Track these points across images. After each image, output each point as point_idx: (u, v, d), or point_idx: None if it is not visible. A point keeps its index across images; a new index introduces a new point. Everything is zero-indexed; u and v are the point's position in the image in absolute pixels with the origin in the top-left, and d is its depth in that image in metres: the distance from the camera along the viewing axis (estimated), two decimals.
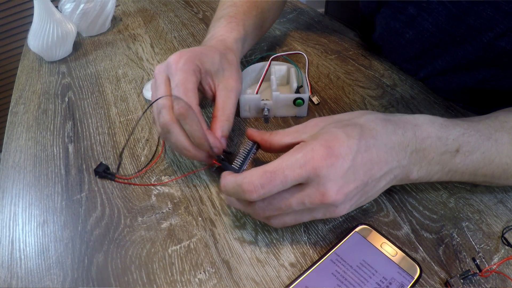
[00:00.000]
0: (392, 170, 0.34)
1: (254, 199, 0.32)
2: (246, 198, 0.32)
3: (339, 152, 0.31)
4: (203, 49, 0.45)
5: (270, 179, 0.31)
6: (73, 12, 0.75)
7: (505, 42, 0.43)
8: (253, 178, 0.31)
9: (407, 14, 0.54)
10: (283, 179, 0.31)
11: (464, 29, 0.47)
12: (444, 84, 0.55)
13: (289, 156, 0.32)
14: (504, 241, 0.37)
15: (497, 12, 0.42)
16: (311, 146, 0.32)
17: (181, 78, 0.40)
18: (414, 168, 0.35)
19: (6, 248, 0.39)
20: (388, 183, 0.35)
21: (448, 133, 0.36)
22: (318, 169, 0.31)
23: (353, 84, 0.59)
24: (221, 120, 0.42)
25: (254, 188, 0.31)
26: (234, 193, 0.33)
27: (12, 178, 0.48)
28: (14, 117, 0.58)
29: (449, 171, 0.37)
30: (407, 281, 0.32)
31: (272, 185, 0.31)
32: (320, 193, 0.31)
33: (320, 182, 0.31)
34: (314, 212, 0.34)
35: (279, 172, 0.31)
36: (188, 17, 0.85)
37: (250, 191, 0.31)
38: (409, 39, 0.56)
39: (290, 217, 0.34)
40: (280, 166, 0.31)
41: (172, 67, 0.41)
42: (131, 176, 0.46)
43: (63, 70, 0.69)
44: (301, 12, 0.83)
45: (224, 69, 0.45)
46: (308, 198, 0.32)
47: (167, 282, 0.35)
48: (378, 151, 0.33)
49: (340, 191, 0.31)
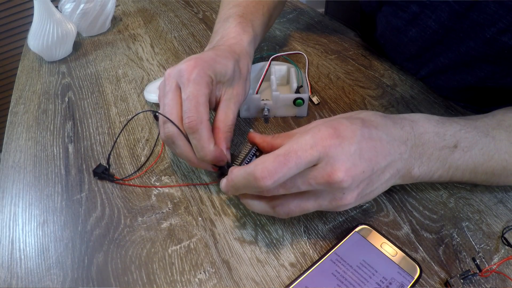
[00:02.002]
0: (395, 162, 0.34)
1: (269, 185, 0.30)
2: (260, 186, 0.30)
3: (345, 134, 0.31)
4: (217, 57, 0.42)
5: (284, 162, 0.30)
6: (73, 12, 0.75)
7: (507, 38, 0.43)
8: (265, 163, 0.30)
9: (409, 12, 0.54)
10: (297, 160, 0.30)
11: (468, 25, 0.47)
12: (445, 82, 0.55)
13: (297, 139, 0.31)
14: (504, 241, 0.37)
15: (500, 7, 0.43)
16: (317, 128, 0.32)
17: (193, 90, 0.38)
18: (415, 164, 0.35)
19: (6, 248, 0.39)
20: (391, 176, 0.34)
21: (445, 129, 0.36)
22: (327, 147, 0.30)
23: (353, 84, 0.59)
24: (224, 132, 0.41)
25: (268, 173, 0.30)
26: (245, 184, 0.32)
27: (12, 178, 0.48)
28: (14, 117, 0.58)
29: (449, 168, 0.37)
30: (407, 281, 0.32)
31: (287, 168, 0.30)
32: (328, 172, 0.30)
33: (329, 162, 0.30)
34: (320, 198, 0.33)
35: (292, 154, 0.30)
36: (188, 17, 0.85)
37: (264, 177, 0.30)
38: (411, 37, 0.56)
39: (295, 203, 0.33)
40: (291, 148, 0.30)
41: (184, 76, 0.39)
42: (129, 177, 0.46)
43: (63, 70, 0.69)
44: (301, 12, 0.83)
45: (235, 78, 0.43)
46: (315, 178, 0.31)
47: (167, 282, 0.35)
48: (381, 141, 0.33)
49: (348, 172, 0.31)
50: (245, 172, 0.31)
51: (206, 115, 0.38)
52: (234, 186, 0.33)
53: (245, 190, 0.33)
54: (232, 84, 0.43)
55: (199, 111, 0.38)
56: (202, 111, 0.38)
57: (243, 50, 0.47)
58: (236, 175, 0.33)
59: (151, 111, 0.55)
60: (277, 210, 0.34)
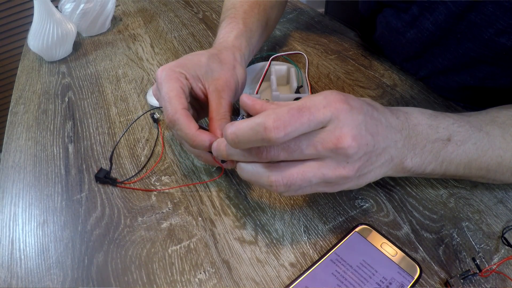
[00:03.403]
0: (390, 148, 0.34)
1: (280, 137, 0.28)
2: (270, 137, 0.28)
3: (354, 104, 0.31)
4: (188, 56, 0.45)
5: (298, 117, 0.28)
6: (73, 12, 0.75)
7: (505, 39, 0.43)
8: (279, 114, 0.28)
9: (410, 14, 0.54)
10: (310, 117, 0.29)
11: (465, 26, 0.47)
12: (445, 82, 0.55)
13: (310, 98, 0.30)
14: (504, 241, 0.37)
15: (498, 8, 0.43)
16: (329, 91, 0.31)
17: (165, 89, 0.40)
18: (408, 154, 0.35)
19: (6, 248, 0.39)
20: (386, 161, 0.34)
21: (438, 121, 0.36)
22: (339, 110, 0.30)
23: (353, 84, 0.59)
24: (217, 120, 0.40)
25: (282, 124, 0.28)
26: (250, 136, 0.29)
27: (12, 178, 0.48)
28: (14, 117, 0.58)
29: (443, 162, 0.36)
30: (407, 281, 0.32)
31: (300, 123, 0.28)
32: (336, 136, 0.30)
33: (338, 126, 0.30)
34: (323, 167, 0.31)
35: (305, 110, 0.29)
36: (188, 17, 0.85)
37: (277, 128, 0.28)
38: (409, 38, 0.56)
39: (297, 169, 0.31)
40: (305, 104, 0.29)
41: (158, 81, 0.42)
42: (130, 181, 0.46)
43: (63, 70, 0.69)
44: (301, 12, 0.83)
45: (213, 70, 0.44)
46: (322, 141, 0.30)
47: (167, 282, 0.35)
48: (381, 123, 0.33)
49: (355, 139, 0.30)
50: (254, 122, 0.29)
51: (180, 105, 0.39)
52: (235, 139, 0.30)
53: (249, 144, 0.30)
54: (213, 76, 0.44)
55: (172, 103, 0.39)
56: (175, 103, 0.39)
57: (229, 44, 0.49)
58: (241, 126, 0.30)
59: (152, 109, 0.55)
60: (275, 176, 0.31)
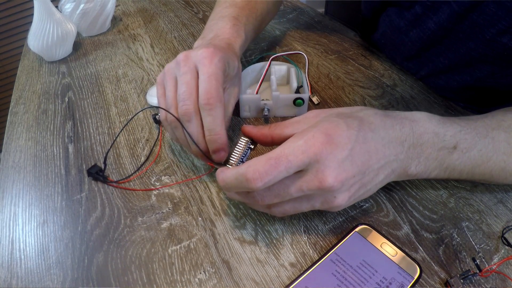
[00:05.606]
0: (390, 164, 0.34)
1: (259, 187, 0.31)
2: (251, 187, 0.31)
3: (339, 141, 0.32)
4: (228, 52, 0.44)
5: (274, 166, 0.31)
6: (73, 12, 0.75)
7: (507, 39, 0.43)
8: (257, 166, 0.31)
9: (413, 13, 0.54)
10: (287, 164, 0.31)
11: (467, 26, 0.47)
12: (445, 82, 0.55)
13: (291, 143, 0.32)
14: (504, 241, 0.37)
15: (500, 8, 0.43)
16: (312, 133, 0.32)
17: (214, 71, 0.40)
18: (412, 163, 0.35)
19: (6, 248, 0.39)
20: (386, 177, 0.35)
21: (445, 129, 0.36)
22: (318, 154, 0.31)
23: (353, 84, 0.59)
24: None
25: (259, 175, 0.31)
26: (236, 184, 0.33)
27: (12, 178, 0.48)
28: (14, 117, 0.58)
29: (447, 168, 0.37)
30: (407, 281, 0.32)
31: (277, 171, 0.31)
32: (318, 178, 0.31)
33: (319, 169, 0.31)
34: (312, 200, 0.34)
35: (283, 158, 0.31)
36: (188, 17, 0.85)
37: (255, 179, 0.31)
38: (412, 37, 0.56)
39: (289, 205, 0.35)
40: (283, 152, 0.31)
41: (206, 60, 0.40)
42: (124, 180, 0.45)
43: (63, 70, 0.69)
44: (301, 12, 0.83)
45: (237, 75, 0.46)
46: (306, 184, 0.32)
47: (167, 282, 0.35)
48: (376, 144, 0.33)
49: (337, 178, 0.31)
50: (237, 173, 0.32)
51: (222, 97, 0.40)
52: (226, 186, 0.34)
53: (236, 190, 0.34)
54: (234, 82, 0.46)
55: (218, 89, 0.39)
56: (220, 91, 0.40)
57: (236, 51, 0.49)
58: (227, 176, 0.33)
59: (151, 108, 0.55)
60: (272, 210, 0.36)
